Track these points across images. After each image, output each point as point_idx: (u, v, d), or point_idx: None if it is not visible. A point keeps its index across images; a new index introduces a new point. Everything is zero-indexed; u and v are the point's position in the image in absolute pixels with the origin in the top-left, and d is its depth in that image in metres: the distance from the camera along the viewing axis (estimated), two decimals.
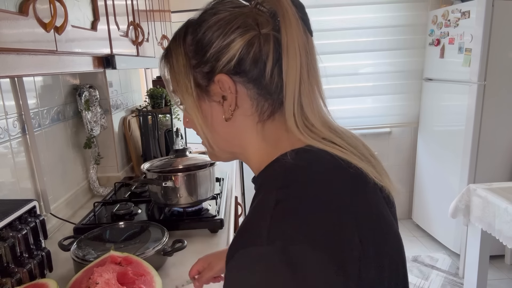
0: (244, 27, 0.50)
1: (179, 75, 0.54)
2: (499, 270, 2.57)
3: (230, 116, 0.52)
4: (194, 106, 0.54)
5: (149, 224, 1.17)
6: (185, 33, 0.54)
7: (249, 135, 0.55)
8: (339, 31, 3.02)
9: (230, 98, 0.52)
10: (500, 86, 2.44)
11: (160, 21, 1.81)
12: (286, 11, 0.49)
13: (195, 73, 0.53)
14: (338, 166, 0.50)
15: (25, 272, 0.88)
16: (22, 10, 0.62)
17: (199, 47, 0.52)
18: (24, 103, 1.21)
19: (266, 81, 0.51)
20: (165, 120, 2.13)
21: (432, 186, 2.97)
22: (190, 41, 0.53)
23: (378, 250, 0.48)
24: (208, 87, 0.53)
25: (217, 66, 0.51)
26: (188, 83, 0.53)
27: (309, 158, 0.51)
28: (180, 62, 0.53)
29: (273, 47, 0.50)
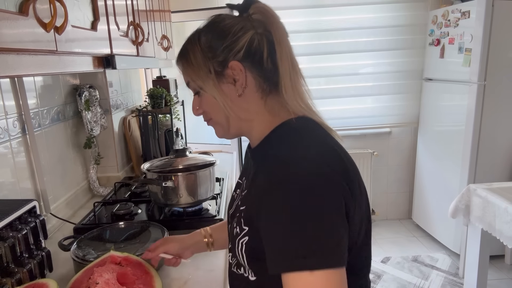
0: (245, 28, 0.70)
1: (198, 67, 0.71)
2: (499, 270, 2.57)
3: (241, 92, 0.71)
4: (214, 87, 0.71)
5: (149, 224, 1.17)
6: (199, 36, 0.72)
7: (256, 108, 0.73)
8: (339, 31, 3.02)
9: (241, 78, 0.70)
10: (500, 86, 2.44)
11: (160, 21, 1.80)
12: (273, 17, 0.71)
13: (212, 63, 0.70)
14: (328, 129, 0.75)
15: (25, 272, 0.88)
16: (22, 10, 0.62)
17: (213, 44, 0.70)
18: (24, 103, 1.21)
19: (264, 66, 0.71)
20: (165, 120, 2.13)
21: (432, 186, 2.97)
22: (205, 41, 0.71)
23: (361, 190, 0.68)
24: (223, 71, 0.70)
25: (229, 56, 0.70)
26: (208, 71, 0.70)
27: (308, 122, 0.72)
28: (198, 57, 0.71)
29: (266, 42, 0.70)
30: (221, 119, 0.74)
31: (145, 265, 0.90)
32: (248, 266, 0.70)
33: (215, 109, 0.73)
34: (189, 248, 0.95)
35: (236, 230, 0.72)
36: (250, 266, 0.70)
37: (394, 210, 3.42)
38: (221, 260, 1.08)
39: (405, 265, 2.68)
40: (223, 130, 0.77)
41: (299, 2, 2.94)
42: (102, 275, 0.80)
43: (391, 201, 3.41)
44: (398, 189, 3.39)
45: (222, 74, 0.71)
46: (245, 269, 0.72)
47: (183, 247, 0.94)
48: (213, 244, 0.97)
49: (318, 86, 3.13)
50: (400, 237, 3.13)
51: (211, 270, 1.02)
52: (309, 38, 3.02)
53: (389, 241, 3.04)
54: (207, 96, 0.73)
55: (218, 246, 0.98)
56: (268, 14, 0.71)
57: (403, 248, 2.94)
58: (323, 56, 3.07)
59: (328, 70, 3.10)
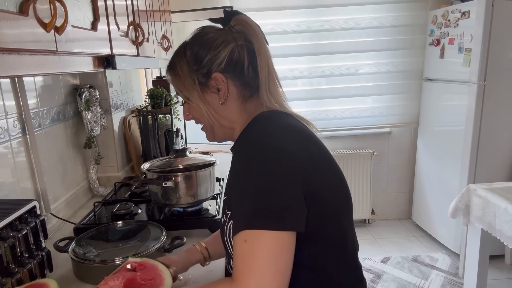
0: (226, 41, 0.77)
1: (184, 78, 0.78)
2: (499, 270, 2.57)
3: (224, 100, 0.78)
4: (199, 97, 0.78)
5: (147, 223, 1.17)
6: (185, 50, 0.79)
7: (237, 112, 0.80)
8: (339, 31, 3.02)
9: (223, 88, 0.77)
10: (500, 86, 2.44)
11: (160, 21, 1.81)
12: (253, 27, 0.77)
13: (197, 75, 0.77)
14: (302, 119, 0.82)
15: (25, 272, 0.88)
16: (22, 10, 0.62)
17: (197, 57, 0.77)
18: (24, 103, 1.21)
19: (245, 75, 0.78)
20: (165, 120, 2.13)
21: (432, 186, 2.97)
22: (190, 54, 0.78)
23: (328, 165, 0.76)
24: (207, 83, 0.78)
25: (212, 68, 0.77)
26: (192, 82, 0.77)
27: (278, 113, 0.79)
28: (184, 69, 0.78)
29: (247, 53, 0.77)
30: (207, 126, 0.83)
31: (159, 268, 0.88)
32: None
33: (201, 116, 0.81)
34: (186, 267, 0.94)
35: (223, 219, 0.78)
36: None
37: (394, 210, 3.43)
38: (221, 260, 1.08)
39: (405, 265, 2.68)
40: (211, 135, 0.86)
41: (299, 2, 2.94)
42: (107, 283, 0.80)
43: (391, 201, 3.41)
44: (398, 189, 3.39)
45: (206, 85, 0.78)
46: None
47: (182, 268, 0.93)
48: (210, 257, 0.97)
49: (318, 86, 3.13)
50: (400, 237, 3.13)
51: (211, 270, 1.02)
52: (309, 38, 3.02)
53: (389, 241, 3.04)
54: (193, 105, 0.80)
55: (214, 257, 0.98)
56: (247, 25, 0.77)
57: (403, 248, 2.94)
58: (323, 56, 3.07)
59: (328, 70, 3.10)
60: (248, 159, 0.69)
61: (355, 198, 3.17)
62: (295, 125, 0.77)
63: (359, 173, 3.15)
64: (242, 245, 0.64)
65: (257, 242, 0.63)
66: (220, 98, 0.78)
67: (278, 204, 0.64)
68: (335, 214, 0.74)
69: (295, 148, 0.69)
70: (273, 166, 0.66)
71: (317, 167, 0.71)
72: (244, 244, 0.64)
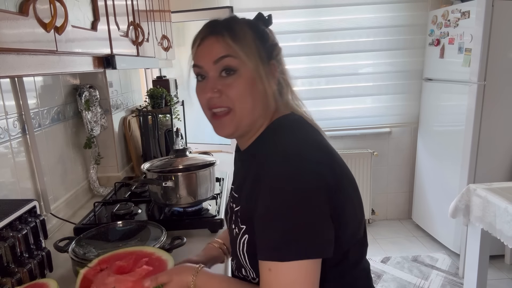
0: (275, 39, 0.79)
1: (252, 44, 0.70)
2: (499, 270, 2.57)
3: (269, 92, 0.71)
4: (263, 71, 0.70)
5: (146, 223, 1.17)
6: (248, 23, 0.73)
7: (268, 110, 0.74)
8: (339, 31, 3.02)
9: (274, 79, 0.73)
10: (500, 86, 2.44)
11: (160, 21, 1.81)
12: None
13: (263, 50, 0.72)
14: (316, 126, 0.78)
15: (25, 272, 0.88)
16: (22, 10, 0.62)
17: (264, 36, 0.74)
18: (24, 103, 1.21)
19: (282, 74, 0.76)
20: (165, 120, 2.13)
21: (432, 186, 2.97)
22: (255, 28, 0.73)
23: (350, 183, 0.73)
24: (269, 62, 0.73)
25: (273, 54, 0.74)
26: (258, 54, 0.70)
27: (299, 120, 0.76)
28: (249, 36, 0.70)
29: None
30: (242, 109, 0.70)
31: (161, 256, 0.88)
32: (249, 266, 0.71)
33: (244, 95, 0.69)
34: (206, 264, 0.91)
35: (235, 231, 0.73)
36: (251, 265, 0.71)
37: (394, 210, 3.42)
38: None
39: (405, 265, 2.68)
40: (234, 123, 0.72)
41: (299, 2, 2.94)
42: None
43: (391, 201, 3.41)
44: (398, 189, 3.39)
45: (268, 64, 0.73)
46: (247, 270, 0.72)
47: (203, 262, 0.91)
48: (229, 251, 0.94)
49: (318, 86, 3.13)
50: (400, 237, 3.13)
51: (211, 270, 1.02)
52: (309, 38, 3.02)
53: (389, 241, 3.04)
54: (244, 78, 0.69)
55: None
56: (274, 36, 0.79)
57: (403, 248, 2.94)
58: (323, 56, 3.06)
59: (328, 70, 3.10)
60: (279, 179, 0.63)
61: None
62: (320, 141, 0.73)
63: (359, 173, 3.15)
64: (267, 273, 0.63)
65: (281, 272, 0.61)
66: (269, 86, 0.73)
67: (306, 233, 0.61)
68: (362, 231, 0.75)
69: (325, 170, 0.66)
70: (304, 191, 0.62)
71: (342, 188, 0.68)
72: (268, 273, 0.62)
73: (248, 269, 0.72)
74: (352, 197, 0.72)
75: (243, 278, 0.75)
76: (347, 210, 0.69)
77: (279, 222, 0.62)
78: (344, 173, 0.71)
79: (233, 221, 0.75)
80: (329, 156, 0.70)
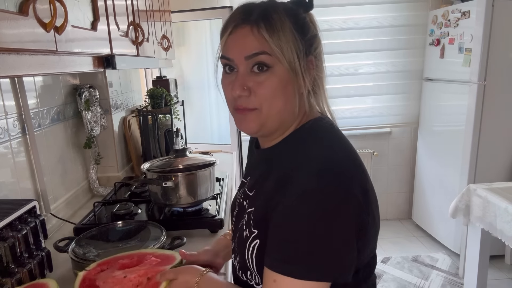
0: (315, 30, 0.68)
1: (292, 38, 0.62)
2: (499, 270, 2.56)
3: (302, 91, 0.65)
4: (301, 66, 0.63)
5: (146, 223, 1.17)
6: (289, 11, 0.64)
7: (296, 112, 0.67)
8: (339, 31, 3.02)
9: (312, 75, 0.66)
10: (500, 86, 2.44)
11: (160, 21, 1.80)
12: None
13: (302, 43, 0.63)
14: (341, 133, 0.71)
15: (25, 272, 0.88)
16: (22, 10, 0.62)
17: (304, 27, 0.65)
18: (24, 103, 1.21)
19: (319, 69, 0.69)
20: (165, 120, 2.13)
21: (432, 186, 2.97)
22: (296, 20, 0.64)
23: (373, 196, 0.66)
24: (306, 58, 0.65)
25: (312, 48, 0.66)
26: (297, 48, 0.62)
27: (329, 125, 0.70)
28: (287, 28, 0.62)
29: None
30: (270, 110, 0.64)
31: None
32: (256, 271, 0.68)
33: (275, 95, 0.63)
34: (219, 254, 0.91)
35: (245, 232, 0.70)
36: (258, 271, 0.68)
37: (394, 210, 3.42)
38: None
39: (405, 265, 2.68)
40: (259, 121, 0.66)
41: None
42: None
43: (391, 201, 3.41)
44: (398, 189, 3.39)
45: (305, 61, 0.65)
46: (252, 275, 0.70)
47: (214, 254, 0.91)
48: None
49: None
50: (400, 237, 3.13)
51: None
52: None
53: (389, 241, 3.04)
54: (278, 76, 0.62)
55: None
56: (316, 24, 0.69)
57: (403, 248, 2.94)
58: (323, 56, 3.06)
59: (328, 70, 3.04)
60: (308, 195, 0.58)
61: None
62: (352, 152, 0.68)
63: None
64: (271, 284, 0.59)
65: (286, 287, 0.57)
66: (304, 85, 0.65)
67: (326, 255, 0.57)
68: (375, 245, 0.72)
69: (357, 187, 0.60)
70: (334, 209, 0.57)
71: (369, 205, 0.63)
72: (272, 284, 0.59)
73: (254, 274, 0.69)
74: (375, 213, 0.66)
75: (245, 282, 0.72)
76: (370, 229, 0.64)
77: (300, 236, 0.57)
78: (370, 187, 0.65)
79: (244, 222, 0.71)
80: (359, 170, 0.64)
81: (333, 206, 0.57)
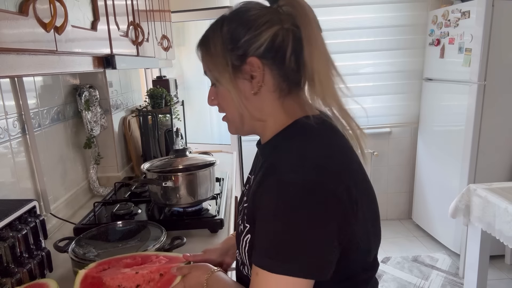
0: (271, 21, 0.64)
1: (216, 56, 0.67)
2: (499, 270, 2.57)
3: (257, 90, 0.67)
4: (230, 81, 0.67)
5: (146, 223, 1.17)
6: (222, 25, 0.68)
7: (271, 108, 0.70)
8: (339, 31, 3.02)
9: (258, 76, 0.66)
10: (500, 86, 2.44)
11: (160, 21, 1.80)
12: (305, 10, 0.64)
13: (231, 55, 0.66)
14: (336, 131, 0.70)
15: (25, 272, 0.88)
16: (22, 10, 0.62)
17: (234, 35, 0.66)
18: (24, 103, 1.21)
19: (286, 65, 0.66)
20: (165, 120, 2.13)
21: (432, 186, 2.97)
22: (227, 31, 0.67)
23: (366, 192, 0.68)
24: (241, 66, 0.67)
25: (249, 50, 0.65)
26: (225, 63, 0.67)
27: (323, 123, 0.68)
28: (218, 46, 0.67)
29: (292, 39, 0.65)
30: (234, 116, 0.71)
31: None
32: (249, 265, 0.70)
33: (229, 104, 0.70)
34: (228, 253, 0.93)
35: (240, 227, 0.72)
36: (251, 265, 0.69)
37: (394, 210, 3.42)
38: None
39: (405, 265, 2.68)
40: (236, 127, 0.74)
41: None
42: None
43: (391, 201, 3.41)
44: (398, 189, 3.39)
45: (240, 69, 0.67)
46: (248, 269, 0.72)
47: (222, 253, 0.92)
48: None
49: None
50: (400, 237, 3.13)
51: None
52: None
53: (389, 241, 3.04)
54: (222, 89, 0.70)
55: None
56: (299, 6, 0.65)
57: (403, 248, 2.94)
58: None
59: None
60: (288, 188, 0.59)
61: None
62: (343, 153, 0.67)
63: None
64: (254, 277, 0.61)
65: (267, 281, 0.58)
66: (252, 87, 0.67)
67: (304, 250, 0.57)
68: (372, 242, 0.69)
69: (340, 188, 0.60)
70: (313, 208, 0.57)
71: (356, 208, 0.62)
72: (256, 277, 0.60)
73: (248, 268, 0.71)
74: (367, 220, 0.66)
75: (246, 276, 0.74)
76: (358, 230, 0.63)
77: (278, 230, 0.58)
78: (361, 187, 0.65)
79: (241, 217, 0.73)
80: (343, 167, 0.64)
81: (311, 202, 0.57)
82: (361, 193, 0.64)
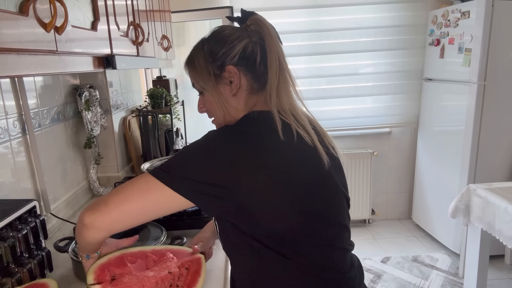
0: (241, 37, 0.82)
1: (200, 70, 0.83)
2: (499, 270, 2.57)
3: (236, 92, 0.82)
4: (213, 87, 0.83)
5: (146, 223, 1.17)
6: (202, 45, 0.84)
7: (243, 105, 0.84)
8: (339, 31, 3.02)
9: (236, 80, 0.81)
10: (500, 86, 2.44)
11: (160, 21, 1.81)
12: (267, 27, 0.82)
13: (212, 66, 0.82)
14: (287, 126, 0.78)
15: (25, 272, 0.88)
16: (22, 10, 0.62)
17: (213, 51, 0.82)
18: (24, 103, 1.21)
19: (257, 70, 0.82)
20: (165, 120, 2.13)
21: (432, 186, 2.97)
22: (207, 48, 0.83)
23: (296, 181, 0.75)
24: (221, 74, 0.82)
25: (226, 61, 0.81)
26: (208, 74, 0.82)
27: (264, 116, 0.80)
28: (201, 62, 0.83)
29: (260, 49, 0.82)
30: (219, 117, 0.85)
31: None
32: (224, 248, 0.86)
33: (214, 107, 0.84)
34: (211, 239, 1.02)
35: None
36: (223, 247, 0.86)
37: (394, 210, 3.42)
38: (221, 260, 1.08)
39: (405, 265, 2.68)
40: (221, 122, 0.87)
41: (299, 2, 2.94)
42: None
43: (391, 201, 3.41)
44: (398, 189, 3.39)
45: (220, 76, 0.82)
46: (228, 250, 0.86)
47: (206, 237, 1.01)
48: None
49: (318, 86, 3.13)
50: (400, 237, 3.13)
51: (211, 270, 1.02)
52: (309, 38, 3.02)
53: (389, 241, 3.04)
54: (208, 95, 0.84)
55: None
56: (262, 24, 0.82)
57: (403, 248, 2.94)
58: (323, 56, 3.06)
59: (328, 70, 3.10)
60: (206, 136, 0.76)
61: (355, 198, 3.17)
62: (261, 133, 0.76)
63: (359, 173, 3.16)
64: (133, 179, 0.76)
65: (139, 178, 0.74)
66: (232, 90, 0.82)
67: (181, 167, 0.72)
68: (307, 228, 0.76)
69: (238, 157, 0.71)
70: (212, 151, 0.72)
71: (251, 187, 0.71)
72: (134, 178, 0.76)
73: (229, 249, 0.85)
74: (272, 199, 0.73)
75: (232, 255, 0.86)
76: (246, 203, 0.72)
77: (176, 157, 0.75)
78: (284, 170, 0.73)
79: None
80: (246, 152, 0.72)
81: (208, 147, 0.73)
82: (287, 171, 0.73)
